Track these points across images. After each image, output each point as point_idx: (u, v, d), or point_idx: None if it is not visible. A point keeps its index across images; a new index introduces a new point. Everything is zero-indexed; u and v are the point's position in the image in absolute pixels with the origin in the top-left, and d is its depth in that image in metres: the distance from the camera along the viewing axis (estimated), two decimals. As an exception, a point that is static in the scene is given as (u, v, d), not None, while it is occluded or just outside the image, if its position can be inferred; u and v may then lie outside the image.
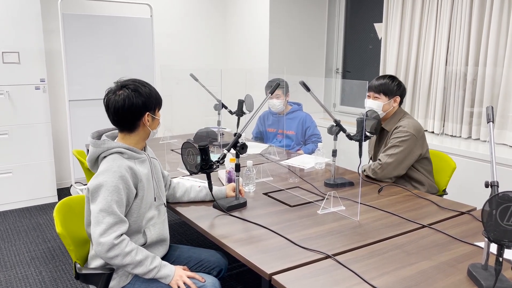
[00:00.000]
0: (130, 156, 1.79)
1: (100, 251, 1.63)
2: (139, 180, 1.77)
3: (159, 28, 4.86)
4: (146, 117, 1.80)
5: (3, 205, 4.05)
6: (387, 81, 2.54)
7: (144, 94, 1.78)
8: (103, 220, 1.64)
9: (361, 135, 2.32)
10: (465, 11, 3.46)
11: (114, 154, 1.77)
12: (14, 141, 3.99)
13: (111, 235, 1.63)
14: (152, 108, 1.82)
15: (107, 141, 1.78)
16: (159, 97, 1.85)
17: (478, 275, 1.40)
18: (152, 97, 1.80)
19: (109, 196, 1.66)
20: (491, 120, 1.57)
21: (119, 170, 1.70)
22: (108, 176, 1.68)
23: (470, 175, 3.17)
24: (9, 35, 3.81)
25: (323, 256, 1.59)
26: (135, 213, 1.78)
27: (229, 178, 2.31)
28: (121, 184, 1.69)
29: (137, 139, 1.84)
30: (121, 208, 1.69)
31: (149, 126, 1.83)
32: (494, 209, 1.21)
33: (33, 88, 3.99)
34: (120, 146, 1.77)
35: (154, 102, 1.82)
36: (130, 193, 1.74)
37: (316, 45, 5.03)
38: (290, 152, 3.29)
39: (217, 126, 3.45)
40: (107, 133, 1.88)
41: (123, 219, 1.69)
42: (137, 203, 1.78)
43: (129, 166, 1.74)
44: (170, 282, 1.71)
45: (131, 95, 1.76)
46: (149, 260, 1.70)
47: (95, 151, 1.79)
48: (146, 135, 1.86)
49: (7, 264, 3.06)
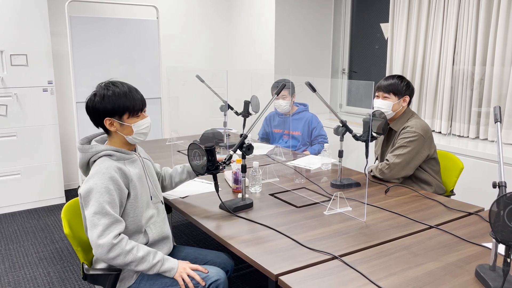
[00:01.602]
0: (119, 157, 1.79)
1: (101, 253, 1.63)
2: (130, 180, 1.77)
3: (165, 30, 4.88)
4: (107, 122, 1.78)
5: (12, 206, 4.09)
6: (396, 81, 2.54)
7: (104, 100, 1.75)
8: (98, 222, 1.64)
9: (368, 136, 2.32)
10: (472, 10, 3.43)
11: (103, 157, 1.77)
12: (22, 143, 4.02)
13: (109, 236, 1.63)
14: (116, 114, 1.77)
15: (95, 145, 1.79)
16: (129, 103, 1.77)
17: (486, 276, 1.39)
18: (116, 103, 1.75)
19: (100, 197, 1.66)
20: (499, 120, 1.56)
21: (107, 172, 1.70)
22: (98, 179, 1.68)
23: (477, 176, 3.15)
24: (17, 37, 3.84)
25: (330, 257, 1.58)
26: (131, 213, 1.78)
27: (235, 179, 2.32)
28: (111, 185, 1.69)
29: (119, 143, 1.84)
30: (114, 208, 1.69)
31: (118, 131, 1.80)
32: (502, 209, 1.20)
33: (41, 90, 4.02)
34: (108, 149, 1.78)
35: (118, 108, 1.75)
36: (122, 193, 1.73)
37: (322, 45, 5.03)
38: (296, 153, 3.29)
39: (223, 127, 3.45)
40: (97, 138, 1.88)
41: (119, 219, 1.69)
42: (131, 203, 1.78)
43: (118, 167, 1.74)
44: (175, 275, 1.72)
45: (91, 99, 1.78)
46: (151, 255, 1.71)
47: (84, 156, 1.79)
48: (124, 140, 1.83)
49: (16, 265, 3.08)
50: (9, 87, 3.87)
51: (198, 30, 5.18)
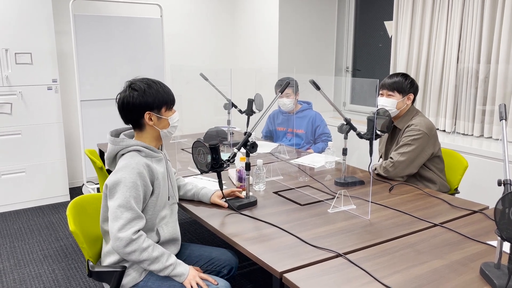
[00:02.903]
0: (147, 154, 1.81)
1: (118, 246, 1.65)
2: (156, 178, 1.80)
3: (169, 28, 4.88)
4: (147, 116, 1.81)
5: (16, 204, 4.11)
6: (401, 79, 2.55)
7: (146, 94, 1.79)
8: (121, 216, 1.66)
9: (372, 134, 2.31)
10: (476, 7, 3.42)
11: (132, 151, 1.79)
12: (27, 141, 4.04)
13: (129, 230, 1.65)
14: (155, 108, 1.81)
15: (125, 139, 1.81)
16: (166, 97, 1.84)
17: (491, 274, 1.38)
18: (155, 97, 1.80)
19: (127, 192, 1.68)
20: (504, 118, 1.56)
21: (137, 167, 1.72)
22: (127, 173, 1.71)
23: (482, 174, 3.14)
24: (21, 36, 3.86)
25: (334, 254, 1.59)
26: (150, 210, 1.80)
27: (239, 177, 2.32)
28: (139, 181, 1.71)
29: (149, 138, 1.86)
30: (138, 204, 1.72)
31: (155, 125, 1.83)
32: (507, 207, 1.20)
33: (45, 88, 4.04)
34: (138, 144, 1.80)
35: (158, 102, 1.81)
36: (147, 189, 1.76)
37: (325, 43, 5.02)
38: (300, 151, 3.29)
39: (227, 125, 3.46)
40: (125, 132, 1.90)
41: (141, 215, 1.72)
42: (152, 200, 1.80)
43: (146, 163, 1.77)
44: (184, 281, 1.72)
45: (130, 95, 1.79)
46: (165, 257, 1.72)
47: (114, 148, 1.81)
48: (157, 135, 1.87)
49: (21, 263, 3.10)
50: (13, 85, 3.89)
51: (202, 29, 5.19)
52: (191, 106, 5.21)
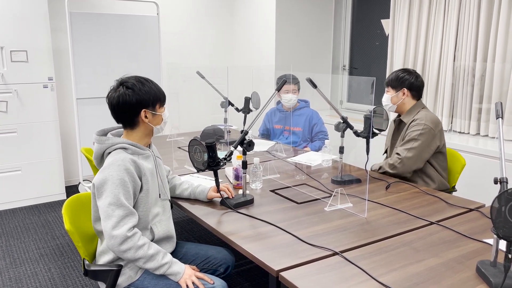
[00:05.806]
0: (134, 151, 1.81)
1: (113, 244, 1.64)
2: (143, 174, 1.79)
3: (165, 26, 4.87)
4: (143, 114, 1.81)
5: (12, 203, 4.09)
6: (394, 75, 2.61)
7: (140, 92, 1.79)
8: (113, 213, 1.65)
9: (369, 132, 2.32)
10: (473, 6, 3.42)
11: (118, 149, 1.79)
12: (22, 139, 4.02)
13: (123, 227, 1.65)
14: (150, 105, 1.82)
15: (110, 138, 1.81)
16: (159, 94, 1.85)
17: (487, 272, 1.39)
18: (150, 94, 1.81)
19: (116, 189, 1.67)
20: (501, 116, 1.56)
21: (123, 163, 1.72)
22: (113, 170, 1.70)
23: (478, 172, 3.15)
24: (17, 34, 3.83)
25: (331, 253, 1.59)
26: (141, 207, 1.79)
27: (236, 175, 2.32)
28: (126, 177, 1.71)
29: (140, 135, 1.86)
30: (129, 200, 1.71)
31: (149, 122, 1.84)
32: (503, 205, 1.20)
33: (41, 86, 4.02)
34: (124, 142, 1.80)
35: (152, 99, 1.82)
36: (136, 185, 1.75)
37: (322, 41, 5.01)
38: (297, 149, 3.28)
39: (223, 123, 3.45)
40: (113, 131, 1.90)
41: (133, 211, 1.71)
42: (142, 196, 1.79)
43: (132, 159, 1.76)
44: (179, 280, 1.72)
45: (125, 93, 1.78)
46: (160, 255, 1.71)
47: (100, 147, 1.81)
48: (149, 131, 1.87)
49: (17, 261, 3.09)
50: (9, 83, 3.86)
51: (198, 27, 5.17)
52: (188, 104, 5.20)
